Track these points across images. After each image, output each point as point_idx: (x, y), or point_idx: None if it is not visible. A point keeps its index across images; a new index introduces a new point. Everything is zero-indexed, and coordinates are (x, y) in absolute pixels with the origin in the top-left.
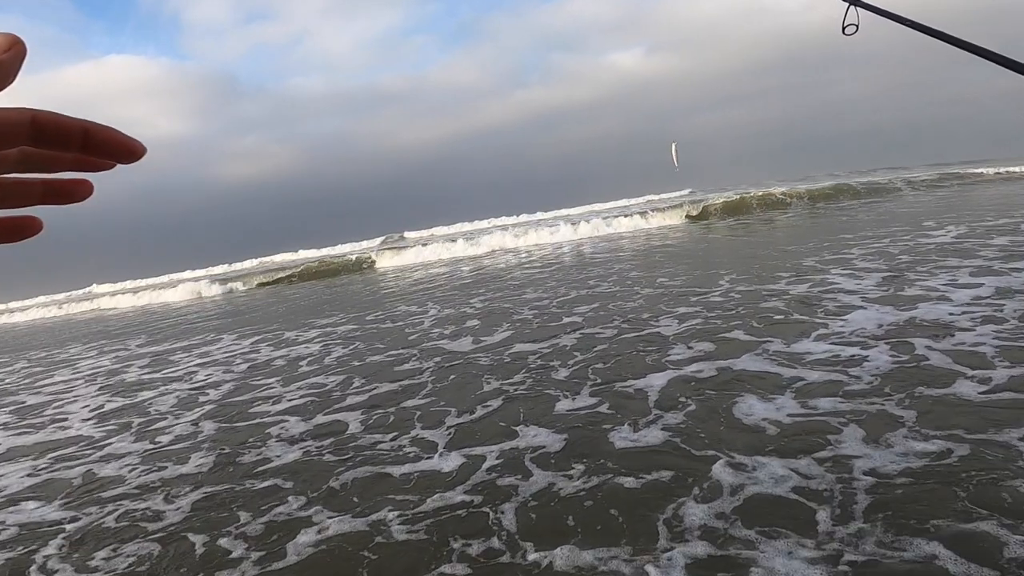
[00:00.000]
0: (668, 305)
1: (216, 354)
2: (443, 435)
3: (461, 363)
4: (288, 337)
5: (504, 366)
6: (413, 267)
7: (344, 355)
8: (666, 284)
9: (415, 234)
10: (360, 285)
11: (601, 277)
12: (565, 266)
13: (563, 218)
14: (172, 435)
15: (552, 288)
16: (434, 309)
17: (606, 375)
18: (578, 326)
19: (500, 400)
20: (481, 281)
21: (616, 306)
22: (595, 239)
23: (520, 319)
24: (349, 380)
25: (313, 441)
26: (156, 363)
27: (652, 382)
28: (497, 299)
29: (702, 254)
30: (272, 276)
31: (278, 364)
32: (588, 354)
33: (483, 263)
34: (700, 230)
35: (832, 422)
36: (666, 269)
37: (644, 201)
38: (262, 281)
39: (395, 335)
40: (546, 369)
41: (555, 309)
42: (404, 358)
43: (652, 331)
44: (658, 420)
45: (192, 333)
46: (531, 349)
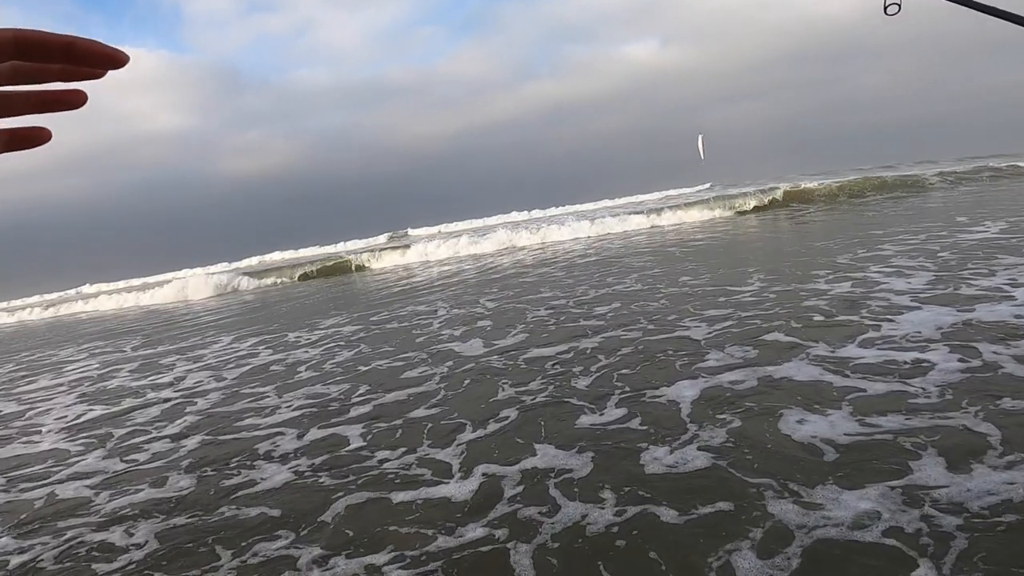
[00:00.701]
0: (695, 306)
1: (210, 358)
2: (455, 453)
3: (473, 368)
4: (289, 339)
5: (520, 372)
6: (420, 265)
7: (347, 359)
8: (691, 283)
9: (423, 231)
10: (365, 284)
11: (620, 275)
12: (581, 264)
13: (576, 214)
14: (150, 452)
15: (569, 287)
16: (443, 309)
17: (633, 383)
18: (599, 328)
19: (516, 411)
20: (492, 280)
21: (639, 306)
22: (611, 236)
23: (535, 320)
24: (351, 388)
25: (308, 460)
26: (145, 367)
27: (684, 392)
28: (510, 299)
29: (725, 251)
30: (294, 272)
31: (275, 370)
32: (611, 359)
33: (494, 261)
34: (720, 226)
35: (902, 443)
36: (689, 267)
37: (661, 197)
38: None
39: (402, 337)
40: (566, 376)
41: (573, 309)
42: (411, 362)
43: (680, 334)
44: (695, 438)
45: (190, 334)
46: (549, 353)
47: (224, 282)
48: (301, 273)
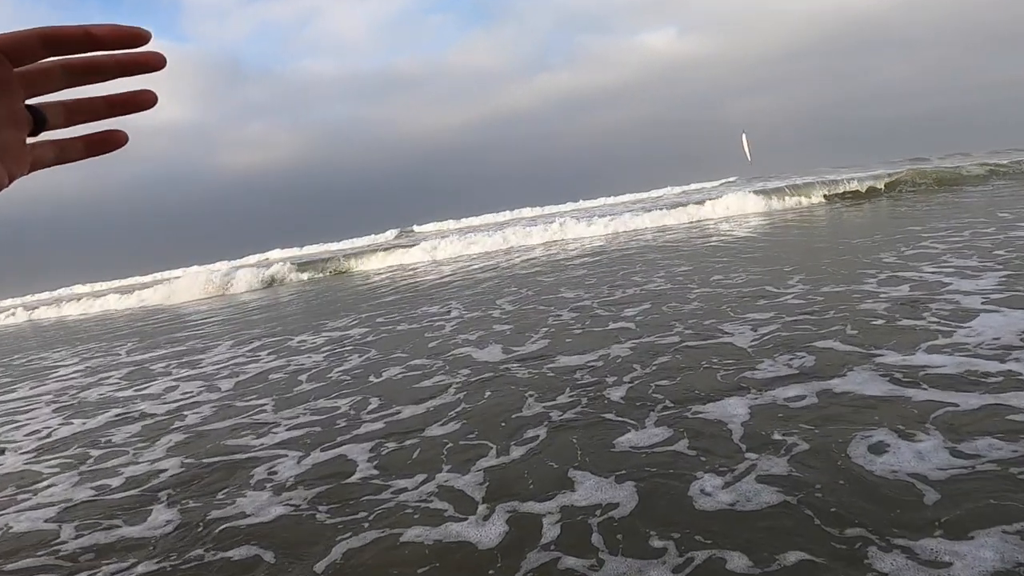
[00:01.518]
0: (734, 308)
1: (206, 364)
2: (478, 483)
3: (493, 378)
4: (292, 343)
5: (546, 382)
6: (431, 263)
7: (355, 367)
8: (724, 283)
9: (432, 227)
10: (373, 283)
11: (646, 274)
12: (603, 262)
13: (594, 210)
14: (124, 476)
15: (592, 287)
16: (457, 311)
17: (673, 396)
18: (630, 332)
19: (545, 430)
20: (509, 279)
21: (671, 308)
22: (630, 232)
23: (558, 323)
24: (359, 400)
25: (306, 490)
26: (135, 375)
27: (733, 409)
28: (529, 299)
29: (756, 248)
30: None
31: (276, 378)
32: (647, 368)
33: (509, 259)
34: (743, 222)
35: (1016, 475)
36: (718, 265)
37: (680, 192)
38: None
39: (414, 341)
40: (598, 387)
41: (600, 311)
42: (425, 371)
43: (722, 340)
44: (754, 468)
45: (188, 336)
46: (576, 362)
47: (226, 281)
48: (309, 276)
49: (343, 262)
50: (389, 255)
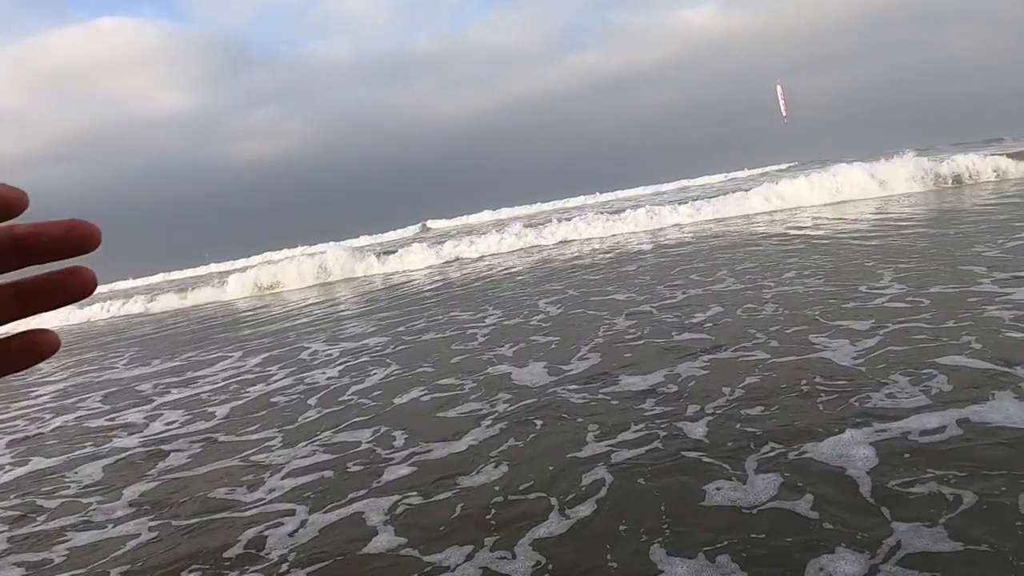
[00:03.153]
0: (822, 313)
1: (203, 382)
2: (532, 565)
3: (538, 405)
4: (303, 356)
5: (605, 412)
6: (458, 262)
7: (372, 387)
8: (801, 282)
9: (457, 221)
10: (394, 284)
11: (706, 271)
12: (654, 258)
13: (633, 200)
14: (74, 545)
15: (646, 287)
16: (493, 316)
17: (772, 432)
18: (701, 344)
19: (611, 476)
20: (549, 279)
21: (746, 313)
22: (679, 225)
23: (613, 332)
24: (378, 434)
25: (305, 570)
26: (120, 395)
27: (852, 448)
28: (575, 302)
29: (827, 241)
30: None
31: (280, 402)
32: (732, 392)
33: (548, 255)
34: (803, 212)
35: None
36: (790, 261)
37: (726, 179)
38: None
39: (441, 355)
40: (674, 418)
41: (661, 317)
42: (456, 394)
43: (817, 354)
44: (904, 544)
45: (191, 347)
46: (641, 384)
47: (236, 285)
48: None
49: (361, 263)
50: (412, 251)
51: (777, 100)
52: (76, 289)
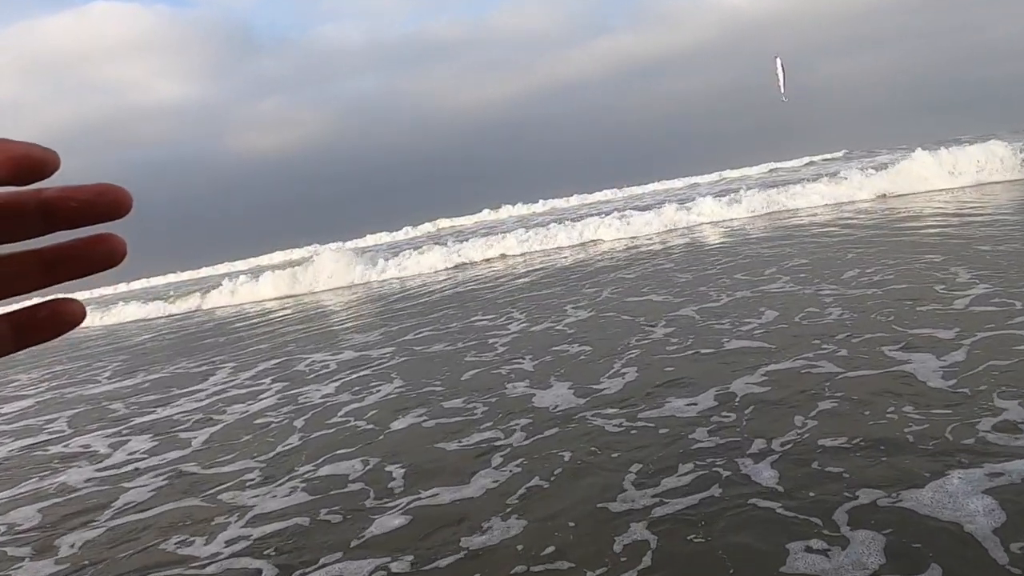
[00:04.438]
0: (894, 319)
1: (184, 400)
2: None
3: (563, 435)
4: (301, 367)
5: (647, 445)
6: (478, 263)
7: (371, 407)
8: (863, 282)
9: (477, 218)
10: (407, 287)
11: (754, 270)
12: (693, 254)
13: (668, 193)
14: None
15: (687, 287)
16: (515, 322)
17: (859, 473)
18: (757, 356)
19: (656, 534)
20: (579, 279)
21: (806, 319)
22: (717, 221)
23: (650, 341)
24: (371, 469)
25: None
26: (87, 415)
27: (968, 501)
28: (608, 304)
29: (888, 237)
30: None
31: (264, 424)
32: (801, 421)
33: (577, 255)
34: (853, 207)
35: None
36: (848, 257)
37: (768, 170)
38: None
39: (452, 369)
40: (732, 454)
41: (705, 322)
42: (465, 420)
43: (897, 368)
44: None
45: (183, 355)
46: (688, 408)
47: (237, 289)
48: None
49: (375, 266)
50: (429, 255)
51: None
52: (104, 257)
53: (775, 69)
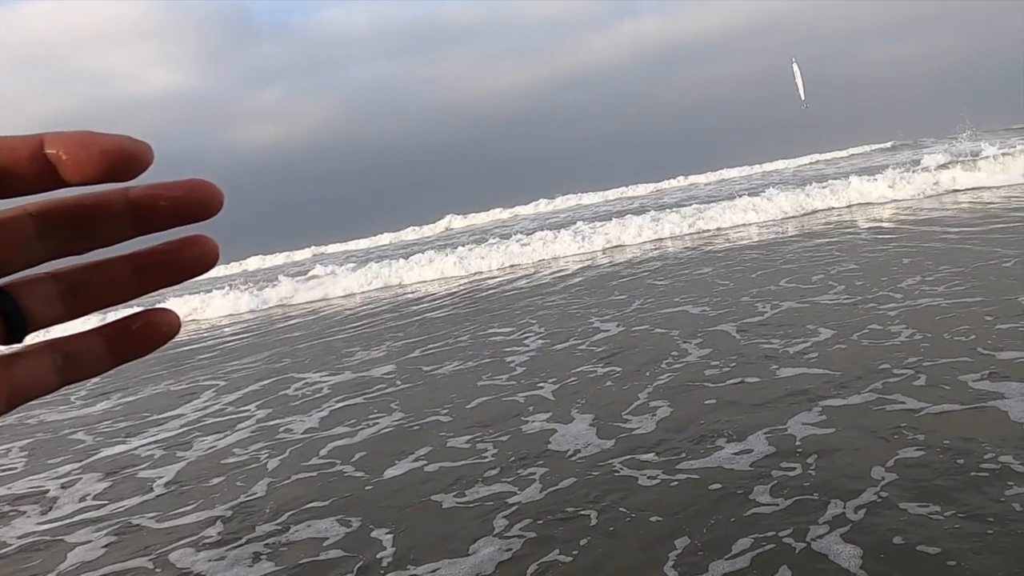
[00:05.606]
0: (980, 341)
1: (155, 430)
2: None
3: (586, 490)
4: (292, 390)
5: (690, 506)
6: (498, 270)
7: (359, 446)
8: (929, 292)
9: (493, 215)
10: (419, 294)
11: (798, 276)
12: (730, 260)
13: (702, 190)
14: None
15: (725, 296)
16: (534, 336)
17: (962, 556)
18: (814, 385)
19: None
20: (606, 287)
21: (867, 337)
22: (761, 221)
23: (686, 364)
24: (348, 532)
25: None
26: (44, 448)
27: None
28: (638, 317)
29: (937, 240)
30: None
31: (235, 464)
32: (882, 474)
33: (603, 260)
34: (904, 205)
35: None
36: (905, 263)
37: (810, 162)
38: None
39: (463, 393)
40: (800, 521)
41: (747, 341)
42: (471, 465)
43: (990, 405)
44: None
45: (167, 374)
46: (738, 458)
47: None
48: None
49: (389, 272)
50: (441, 259)
51: (795, 80)
52: (198, 260)
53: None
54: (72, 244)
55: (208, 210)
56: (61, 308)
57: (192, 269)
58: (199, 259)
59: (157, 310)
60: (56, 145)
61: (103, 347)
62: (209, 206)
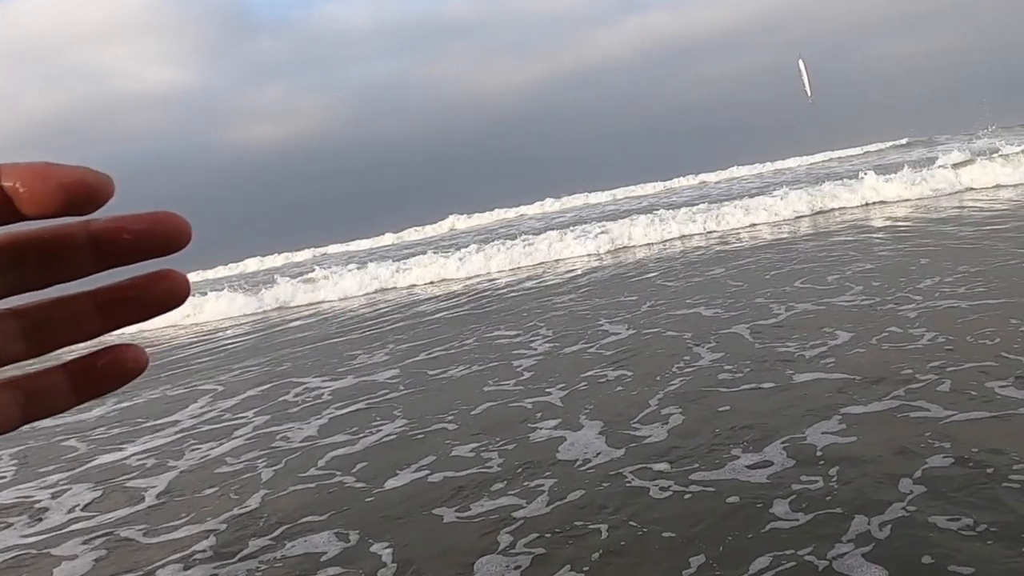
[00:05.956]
0: (1004, 345)
1: (150, 436)
2: None
3: (597, 501)
4: (292, 395)
5: (709, 519)
6: (505, 270)
7: (358, 455)
8: (948, 293)
9: (498, 215)
10: (421, 297)
11: (813, 277)
12: (743, 260)
13: (701, 191)
14: None
15: (738, 297)
16: (542, 339)
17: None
18: (830, 391)
19: None
20: (613, 287)
21: (887, 340)
22: (770, 221)
23: (698, 368)
24: (346, 547)
25: None
26: (35, 456)
27: None
28: (650, 320)
29: (968, 244)
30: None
31: (228, 475)
32: (909, 486)
33: (612, 260)
34: (919, 206)
35: None
36: (920, 263)
37: (822, 160)
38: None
39: (468, 399)
40: (818, 535)
41: (762, 344)
42: (476, 475)
43: (1017, 412)
44: None
45: (164, 379)
46: (756, 468)
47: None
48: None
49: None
50: (448, 260)
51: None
52: (163, 297)
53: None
54: (32, 279)
55: (174, 244)
56: (23, 345)
57: (160, 305)
58: (167, 295)
59: (124, 346)
60: (12, 177)
61: (67, 384)
62: (175, 240)
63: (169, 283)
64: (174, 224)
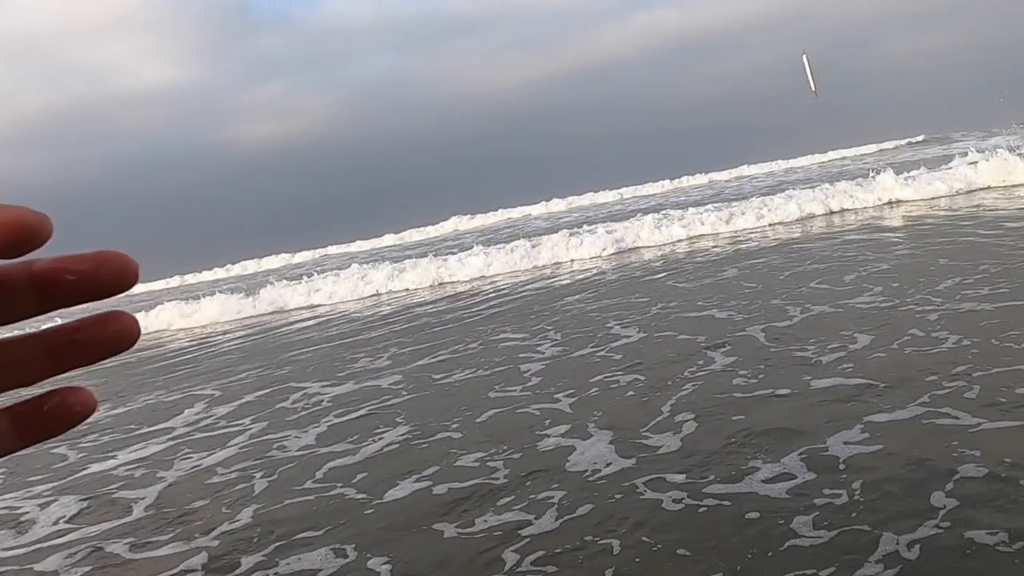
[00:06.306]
0: None
1: (142, 444)
2: None
3: (608, 515)
4: (291, 401)
5: (727, 538)
6: (509, 272)
7: (358, 466)
8: (971, 295)
9: (499, 215)
10: (426, 299)
11: (828, 278)
12: (756, 260)
13: (711, 190)
14: None
15: (752, 298)
16: (550, 342)
17: None
18: (852, 398)
19: None
20: (623, 288)
21: (908, 345)
22: (779, 221)
23: (710, 373)
24: (343, 565)
25: None
26: (27, 464)
27: None
28: (661, 322)
29: (983, 244)
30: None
31: (222, 484)
32: (942, 499)
33: (622, 262)
34: (933, 204)
35: None
36: (938, 263)
37: (835, 158)
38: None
39: (474, 405)
40: (846, 556)
41: (777, 348)
42: (480, 486)
43: None
44: None
45: (166, 383)
46: (776, 481)
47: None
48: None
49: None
50: (452, 260)
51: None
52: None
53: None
54: None
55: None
56: None
57: (108, 348)
58: (116, 338)
59: (71, 389)
60: None
61: (10, 428)
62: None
63: (117, 326)
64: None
